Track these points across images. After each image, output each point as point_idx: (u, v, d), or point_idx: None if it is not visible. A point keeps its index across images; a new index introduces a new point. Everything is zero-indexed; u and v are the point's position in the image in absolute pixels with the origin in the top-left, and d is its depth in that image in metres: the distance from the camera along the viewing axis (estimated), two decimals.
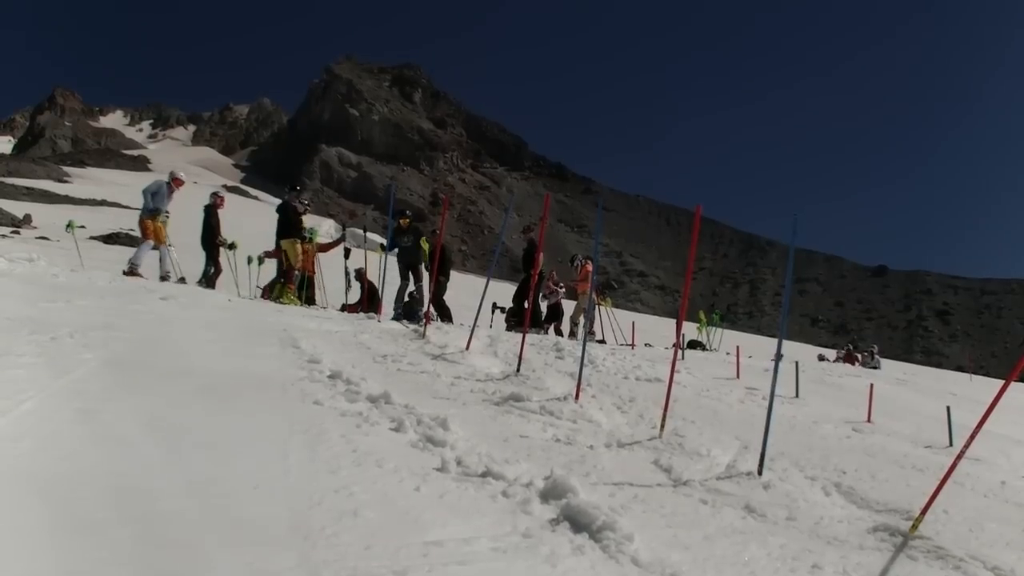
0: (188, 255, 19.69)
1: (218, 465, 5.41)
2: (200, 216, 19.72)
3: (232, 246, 19.69)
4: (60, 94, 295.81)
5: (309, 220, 20.87)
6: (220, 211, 19.98)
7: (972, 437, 6.50)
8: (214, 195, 20.53)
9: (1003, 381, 6.75)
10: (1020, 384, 38.97)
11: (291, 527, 4.52)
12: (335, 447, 6.19)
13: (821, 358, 35.55)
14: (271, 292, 19.26)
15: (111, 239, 47.35)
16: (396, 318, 16.83)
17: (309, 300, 18.87)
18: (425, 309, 16.23)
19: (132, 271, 17.70)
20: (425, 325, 14.27)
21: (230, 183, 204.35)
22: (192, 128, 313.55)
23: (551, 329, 21.63)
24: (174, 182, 18.72)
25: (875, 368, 32.55)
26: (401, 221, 19.27)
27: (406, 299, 19.07)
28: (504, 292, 24.40)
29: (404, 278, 18.85)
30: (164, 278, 17.83)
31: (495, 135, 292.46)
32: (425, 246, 18.96)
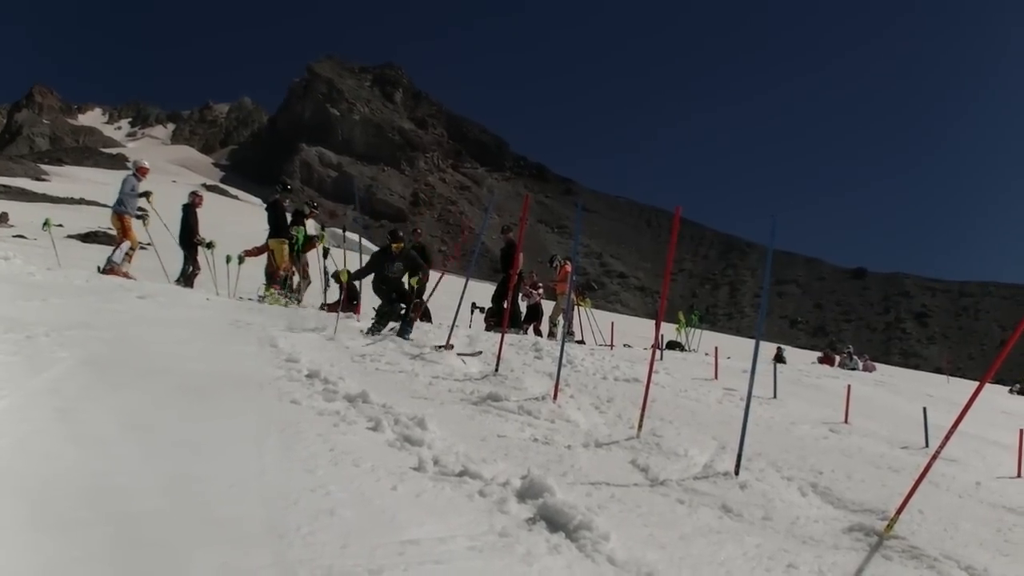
0: (166, 254, 19.59)
1: (195, 464, 5.39)
2: (178, 215, 19.62)
3: (210, 245, 19.58)
4: (38, 91, 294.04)
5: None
6: (198, 210, 19.91)
7: (947, 438, 6.53)
8: (193, 194, 20.46)
9: (980, 383, 6.79)
10: (996, 386, 39.21)
11: (267, 526, 4.50)
12: (312, 446, 6.17)
13: (778, 358, 35.65)
14: (284, 288, 19.21)
15: (89, 238, 46.96)
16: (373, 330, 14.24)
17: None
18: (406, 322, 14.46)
19: (112, 270, 17.63)
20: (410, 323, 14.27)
21: (210, 182, 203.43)
22: (171, 127, 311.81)
23: (530, 329, 21.62)
24: (139, 171, 18.61)
25: (854, 369, 32.70)
26: (393, 246, 15.01)
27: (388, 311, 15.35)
28: (484, 292, 24.39)
29: (389, 302, 14.93)
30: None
31: (476, 135, 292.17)
32: (414, 283, 14.77)
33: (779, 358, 33.61)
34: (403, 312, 14.78)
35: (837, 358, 38.88)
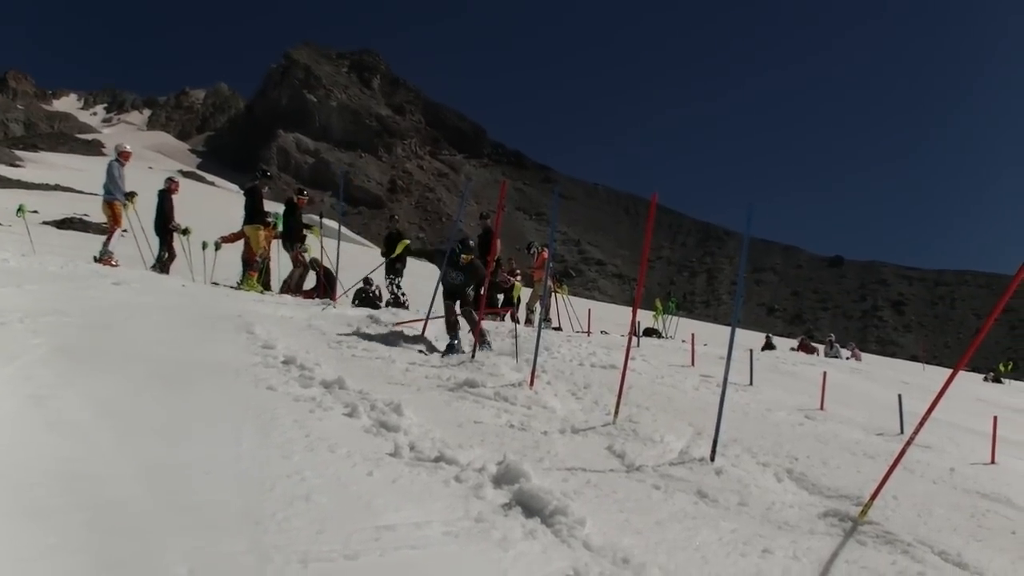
0: (142, 240, 19.47)
1: (170, 451, 5.37)
2: (154, 201, 19.52)
3: (186, 231, 19.52)
4: (12, 77, 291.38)
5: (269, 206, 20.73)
6: (174, 196, 19.81)
7: (921, 424, 6.56)
8: (168, 180, 20.34)
9: (953, 370, 6.83)
10: (972, 374, 39.43)
11: (242, 512, 4.49)
12: (288, 432, 6.16)
13: (768, 345, 35.86)
14: (289, 286, 19.15)
15: (64, 224, 46.78)
16: (457, 346, 12.47)
17: (265, 286, 18.72)
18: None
19: (106, 259, 17.60)
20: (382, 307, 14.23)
21: (186, 168, 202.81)
22: (147, 112, 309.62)
23: (507, 316, 21.62)
24: (122, 156, 18.51)
25: (835, 357, 32.90)
26: (462, 257, 13.10)
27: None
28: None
29: (448, 302, 13.16)
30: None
31: (454, 122, 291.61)
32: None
33: (768, 346, 33.84)
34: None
35: (820, 347, 39.20)
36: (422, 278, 17.36)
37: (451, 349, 12.32)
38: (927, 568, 5.48)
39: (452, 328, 12.77)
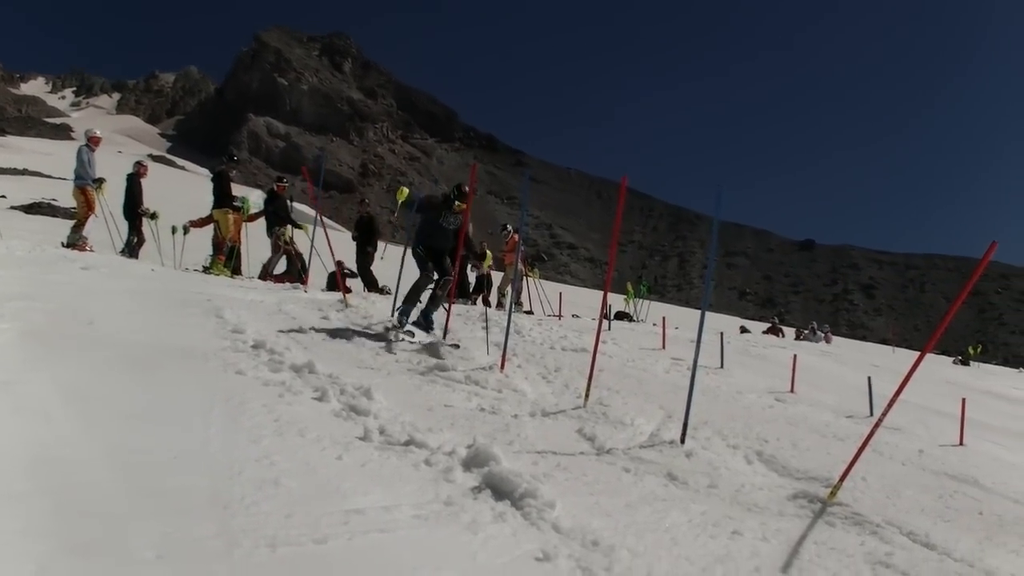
0: (111, 225, 19.32)
1: (138, 436, 5.33)
2: (123, 185, 19.37)
3: (154, 216, 19.37)
4: None
5: (238, 190, 20.64)
6: (143, 180, 19.66)
7: (889, 406, 6.61)
8: (137, 164, 20.18)
9: (921, 353, 6.87)
10: (941, 357, 39.76)
11: (211, 497, 4.47)
12: (257, 417, 6.14)
13: (744, 330, 36.16)
14: (267, 271, 19.06)
15: (32, 209, 46.23)
16: (405, 321, 11.85)
17: (234, 271, 18.63)
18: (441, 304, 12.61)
19: (82, 244, 17.48)
20: (346, 295, 14.23)
21: (156, 152, 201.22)
22: (116, 96, 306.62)
23: (479, 300, 21.60)
24: (92, 141, 18.35)
25: (813, 342, 33.24)
26: (457, 203, 12.24)
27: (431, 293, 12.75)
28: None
29: (427, 268, 12.22)
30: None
31: (426, 106, 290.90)
32: (487, 265, 14.19)
33: (744, 330, 34.12)
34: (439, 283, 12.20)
35: (802, 331, 39.65)
36: (393, 262, 17.19)
37: (404, 319, 11.78)
38: (895, 549, 5.52)
39: (414, 301, 11.99)
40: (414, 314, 11.96)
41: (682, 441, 7.68)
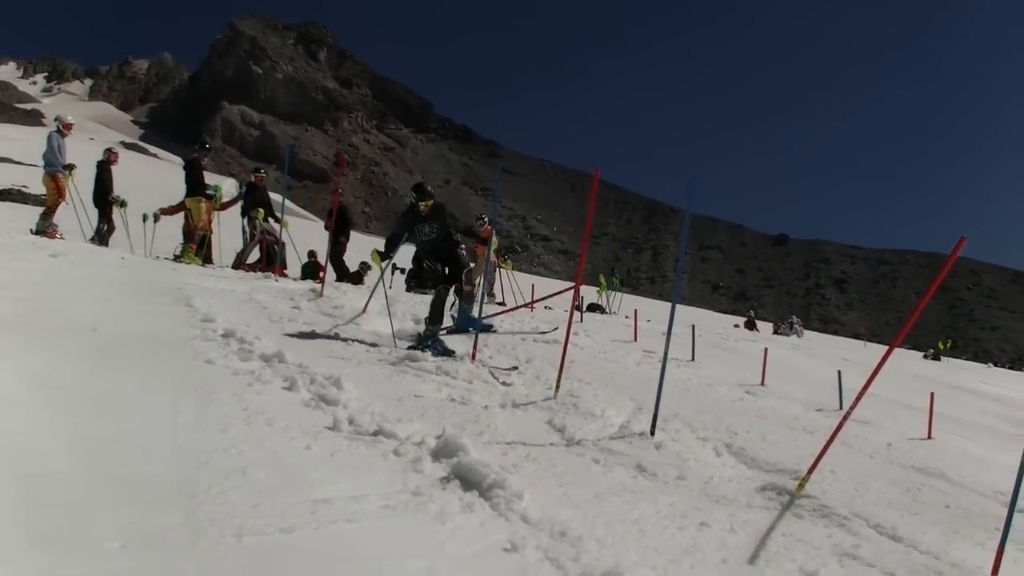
0: (81, 212, 19.17)
1: (106, 424, 5.31)
2: (93, 172, 19.22)
3: (124, 204, 19.21)
4: None
5: (211, 178, 20.52)
6: (113, 167, 19.50)
7: (858, 399, 6.63)
8: (108, 151, 20.01)
9: (896, 348, 6.91)
10: (912, 352, 39.92)
11: (178, 486, 4.45)
12: (226, 406, 6.12)
13: (736, 326, 36.50)
14: (241, 261, 18.99)
15: (1, 195, 45.82)
16: (427, 346, 10.61)
17: (205, 259, 18.54)
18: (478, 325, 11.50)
19: (51, 232, 17.34)
20: (323, 284, 14.19)
21: (128, 140, 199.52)
22: (89, 82, 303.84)
23: (452, 290, 21.57)
24: (65, 128, 18.20)
25: (788, 336, 33.45)
26: (422, 205, 11.42)
27: (450, 313, 12.42)
28: (405, 253, 24.32)
29: (436, 277, 11.73)
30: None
31: (401, 96, 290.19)
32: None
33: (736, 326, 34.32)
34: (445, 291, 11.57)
35: (779, 325, 39.89)
36: (366, 253, 17.12)
37: (423, 344, 10.69)
38: (862, 541, 5.55)
39: (438, 321, 11.18)
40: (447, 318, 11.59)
41: (652, 433, 7.69)
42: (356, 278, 20.92)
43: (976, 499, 7.62)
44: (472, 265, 21.83)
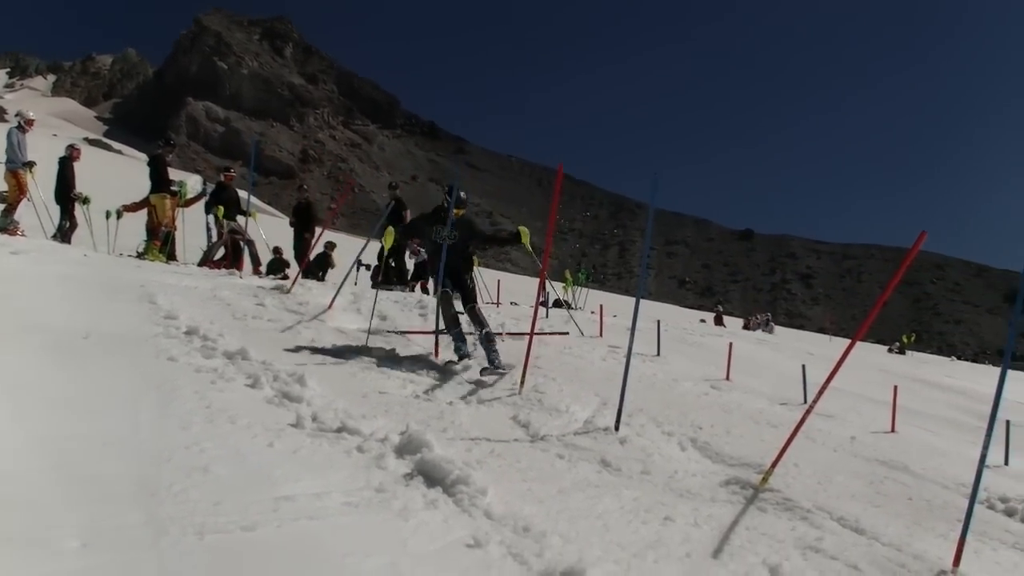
0: (42, 210, 19.00)
1: (67, 423, 5.27)
2: (55, 169, 19.05)
3: (86, 200, 19.05)
4: None
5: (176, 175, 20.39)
6: (76, 164, 19.34)
7: (820, 393, 6.68)
8: (70, 147, 19.83)
9: (861, 342, 6.97)
10: (876, 345, 40.20)
11: (139, 484, 4.41)
12: (188, 403, 6.08)
13: (703, 321, 36.69)
14: (208, 259, 18.89)
15: None
16: (463, 348, 10.27)
17: (169, 256, 18.41)
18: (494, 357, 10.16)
19: (12, 229, 17.16)
20: (294, 282, 14.14)
21: (92, 136, 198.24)
22: (52, 78, 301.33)
23: (417, 287, 21.57)
24: (26, 124, 18.03)
25: (769, 334, 33.62)
26: (456, 211, 10.56)
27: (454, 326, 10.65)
28: (370, 249, 24.29)
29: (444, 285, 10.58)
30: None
31: (367, 92, 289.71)
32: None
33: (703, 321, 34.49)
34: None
35: (751, 320, 40.04)
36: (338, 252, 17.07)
37: (459, 354, 10.18)
38: (825, 534, 5.59)
39: (454, 325, 10.39)
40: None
41: (616, 428, 7.71)
42: (324, 261, 20.89)
43: (939, 491, 7.69)
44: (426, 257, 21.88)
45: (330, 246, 22.42)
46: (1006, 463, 10.36)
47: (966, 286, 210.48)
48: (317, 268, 20.84)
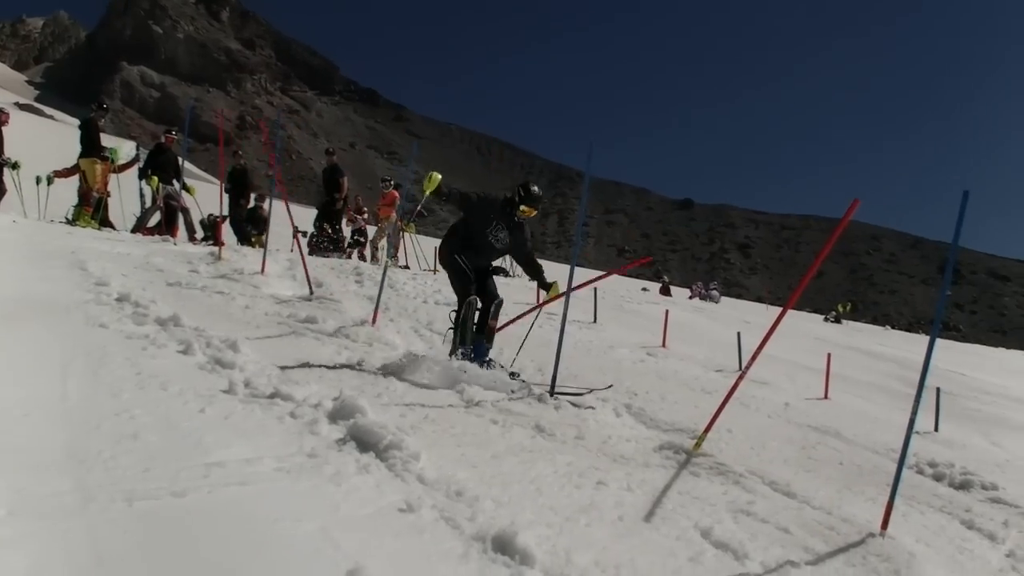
0: None
1: None
2: None
3: (15, 165, 18.70)
4: None
5: (108, 140, 20.08)
6: (5, 128, 18.95)
7: (753, 358, 6.75)
8: None
9: (797, 311, 7.03)
10: (813, 315, 40.73)
11: (67, 452, 4.35)
12: (118, 370, 5.99)
13: (645, 289, 36.90)
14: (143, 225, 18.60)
15: None
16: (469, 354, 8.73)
17: (102, 222, 18.15)
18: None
19: None
20: (220, 247, 14.02)
21: (23, 101, 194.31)
22: None
23: (354, 254, 21.50)
24: None
25: (715, 303, 33.92)
26: (523, 208, 9.18)
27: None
28: (307, 216, 24.15)
29: (468, 287, 9.29)
30: None
31: (305, 58, 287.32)
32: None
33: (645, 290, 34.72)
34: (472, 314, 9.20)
35: (695, 288, 40.32)
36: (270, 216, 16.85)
37: (481, 359, 8.86)
38: (756, 497, 5.67)
39: (468, 333, 8.98)
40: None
41: (551, 394, 7.75)
42: (257, 215, 20.69)
43: (869, 456, 7.85)
44: (377, 228, 21.84)
45: (260, 198, 22.14)
46: (936, 429, 10.57)
47: (901, 257, 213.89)
48: (251, 226, 20.61)
